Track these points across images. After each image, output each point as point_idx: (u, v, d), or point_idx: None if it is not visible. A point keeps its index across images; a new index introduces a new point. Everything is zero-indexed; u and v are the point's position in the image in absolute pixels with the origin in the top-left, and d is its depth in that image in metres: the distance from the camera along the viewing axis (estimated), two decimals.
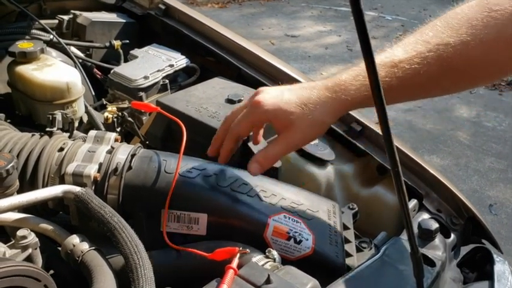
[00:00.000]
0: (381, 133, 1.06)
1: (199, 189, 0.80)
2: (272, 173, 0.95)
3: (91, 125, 1.15)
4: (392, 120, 3.63)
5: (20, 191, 0.80)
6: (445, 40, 0.73)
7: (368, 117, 1.11)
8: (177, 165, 0.80)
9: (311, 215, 0.82)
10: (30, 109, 1.12)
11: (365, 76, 0.75)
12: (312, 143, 1.05)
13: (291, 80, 1.15)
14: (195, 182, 0.81)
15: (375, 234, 0.93)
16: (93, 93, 1.33)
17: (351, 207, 0.93)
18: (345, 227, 0.87)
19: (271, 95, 0.78)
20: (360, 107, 0.80)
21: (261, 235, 0.77)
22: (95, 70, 1.43)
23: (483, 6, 0.73)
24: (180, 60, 1.37)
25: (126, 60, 1.44)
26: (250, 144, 0.98)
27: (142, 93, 1.24)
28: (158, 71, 1.30)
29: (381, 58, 0.75)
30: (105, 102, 1.22)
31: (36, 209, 0.83)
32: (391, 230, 0.97)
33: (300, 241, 0.77)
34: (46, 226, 0.75)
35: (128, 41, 1.50)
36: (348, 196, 1.07)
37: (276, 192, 0.83)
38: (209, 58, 1.43)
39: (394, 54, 0.75)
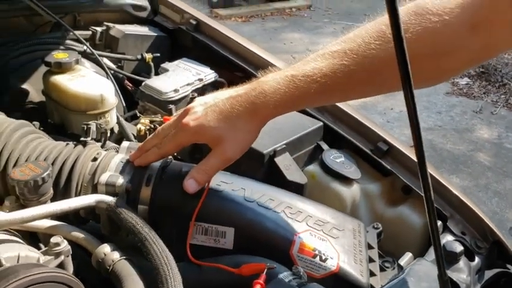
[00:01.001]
0: (408, 154, 1.06)
1: (227, 202, 0.81)
2: (298, 189, 0.95)
3: (121, 135, 1.17)
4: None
5: (54, 199, 0.82)
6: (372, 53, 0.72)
7: (395, 137, 1.11)
8: (208, 183, 0.81)
9: (336, 234, 0.82)
10: (63, 118, 1.14)
11: (287, 90, 0.76)
12: (338, 160, 1.05)
13: None
14: (223, 195, 0.82)
15: (399, 254, 0.93)
16: (124, 104, 1.35)
17: (375, 226, 0.93)
18: (370, 247, 0.86)
19: (196, 115, 0.80)
20: (279, 115, 0.81)
21: (287, 252, 0.77)
22: (126, 82, 1.45)
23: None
24: (208, 75, 1.39)
25: (156, 73, 1.46)
26: (277, 159, 0.99)
27: (172, 106, 1.26)
28: (188, 84, 1.32)
29: (306, 69, 0.76)
30: (138, 114, 1.24)
31: (68, 217, 0.84)
32: (415, 251, 0.96)
33: (326, 259, 0.77)
34: (78, 234, 0.76)
35: (158, 55, 1.53)
36: (372, 215, 1.06)
37: (302, 209, 0.83)
38: (237, 73, 1.44)
39: (320, 68, 0.75)
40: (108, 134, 1.10)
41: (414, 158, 1.04)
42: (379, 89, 0.81)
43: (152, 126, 1.06)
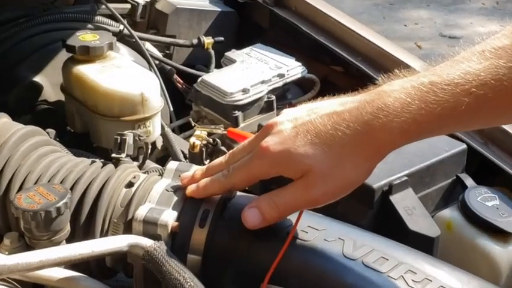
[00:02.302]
0: None
1: (317, 259, 0.80)
2: (425, 245, 0.93)
3: (166, 152, 1.20)
4: None
5: (70, 238, 0.85)
6: None
7: None
8: (295, 223, 0.81)
9: None
10: (88, 125, 1.20)
11: (423, 106, 0.72)
12: (489, 203, 1.02)
13: None
14: (310, 248, 0.81)
15: None
16: (171, 109, 1.39)
17: None
18: None
19: (281, 137, 0.79)
20: (406, 143, 0.78)
21: None
22: (176, 77, 1.50)
23: None
24: (293, 69, 1.40)
25: (218, 66, 1.50)
26: (395, 198, 0.98)
27: (238, 113, 1.28)
28: (262, 82, 1.34)
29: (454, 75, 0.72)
30: (193, 123, 1.27)
31: (89, 267, 0.87)
32: None
33: None
34: None
35: (222, 39, 1.57)
36: None
37: (431, 276, 0.80)
38: (335, 67, 1.44)
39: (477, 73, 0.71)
40: (149, 150, 1.14)
41: None
42: None
43: (211, 141, 1.08)
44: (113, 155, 0.95)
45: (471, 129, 1.12)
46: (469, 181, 1.08)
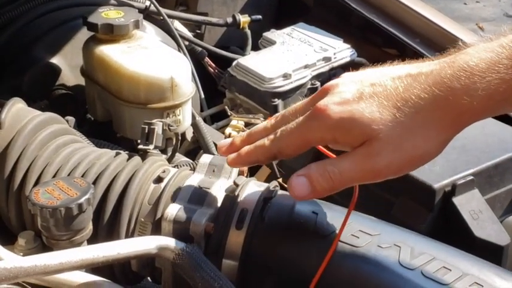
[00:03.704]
0: None
1: (370, 267, 0.80)
2: (493, 254, 0.92)
3: (197, 144, 1.20)
4: None
5: (92, 239, 0.87)
6: None
7: None
8: (342, 225, 0.81)
9: None
10: (112, 113, 1.21)
11: (508, 64, 0.70)
12: None
13: None
14: (362, 254, 0.81)
15: None
16: (203, 96, 1.40)
17: None
18: None
19: (342, 97, 0.77)
20: (488, 116, 0.77)
21: None
22: (207, 60, 1.51)
23: None
24: (341, 51, 1.40)
25: (256, 48, 1.50)
26: (458, 200, 0.97)
27: (278, 101, 1.28)
28: (306, 67, 1.34)
29: None
30: (229, 112, 1.28)
31: (112, 270, 0.88)
32: None
33: None
34: None
35: (260, 17, 1.57)
36: None
37: None
38: (388, 50, 1.44)
39: None
40: (179, 142, 1.14)
41: None
42: None
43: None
44: (140, 146, 0.96)
45: None
46: None
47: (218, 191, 0.87)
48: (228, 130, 1.08)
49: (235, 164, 0.85)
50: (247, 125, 1.14)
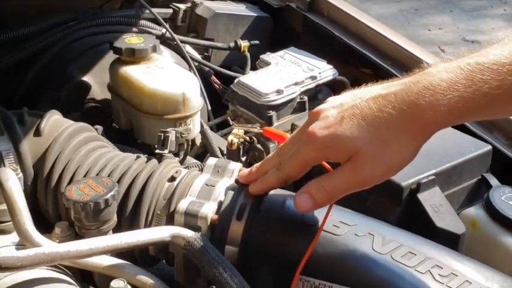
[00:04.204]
0: None
1: (348, 252, 0.80)
2: (451, 241, 0.92)
3: (204, 149, 1.20)
4: None
5: (117, 228, 0.87)
6: None
7: None
8: (325, 217, 0.81)
9: None
10: (133, 122, 1.21)
11: (470, 84, 0.71)
12: None
13: None
14: (342, 241, 0.81)
15: None
16: (210, 108, 1.40)
17: None
18: None
19: (327, 122, 0.79)
20: (451, 125, 0.77)
21: None
22: (214, 78, 1.51)
23: None
24: (325, 71, 1.39)
25: (254, 68, 1.50)
26: (422, 196, 0.97)
27: (272, 113, 1.28)
28: (296, 84, 1.34)
29: (500, 55, 0.71)
30: (231, 122, 1.28)
31: (133, 255, 0.88)
32: None
33: None
34: (145, 279, 0.79)
35: (258, 42, 1.57)
36: None
37: (457, 271, 0.79)
38: (365, 70, 1.44)
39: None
40: (190, 147, 1.15)
41: None
42: None
43: (248, 139, 1.08)
44: (157, 150, 0.96)
45: None
46: (493, 181, 1.07)
47: (222, 188, 0.88)
48: (230, 137, 1.08)
49: (256, 191, 0.85)
50: (246, 132, 1.14)
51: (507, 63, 0.70)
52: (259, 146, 1.08)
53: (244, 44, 1.56)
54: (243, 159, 1.11)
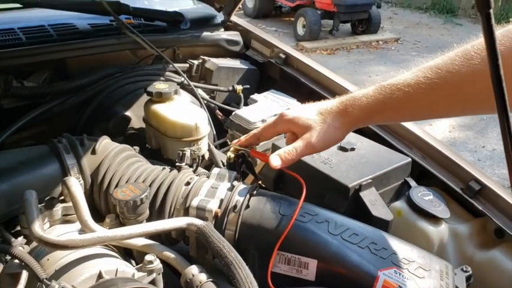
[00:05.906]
0: (502, 195, 0.99)
1: (311, 234, 0.81)
2: (383, 226, 0.92)
3: (211, 162, 1.21)
4: None
5: (149, 219, 0.87)
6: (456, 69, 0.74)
7: (488, 176, 1.05)
8: (297, 208, 0.82)
9: (422, 273, 0.78)
10: (161, 144, 1.21)
11: (373, 95, 0.82)
12: (426, 198, 1.01)
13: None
14: (307, 226, 0.81)
15: None
16: (214, 133, 1.41)
17: (464, 269, 0.87)
18: None
19: (295, 110, 0.90)
20: (367, 123, 0.90)
21: None
22: (217, 111, 1.52)
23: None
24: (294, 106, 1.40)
25: (246, 104, 1.51)
26: (363, 194, 0.97)
27: None
28: (275, 115, 1.34)
29: (394, 80, 0.81)
30: (229, 142, 1.28)
31: (160, 237, 0.88)
32: None
33: None
34: (169, 254, 0.79)
35: (248, 86, 1.58)
36: (461, 258, 1.00)
37: (387, 246, 0.80)
38: None
39: (405, 79, 0.80)
40: (200, 160, 1.15)
41: (510, 199, 0.98)
42: (463, 107, 0.79)
43: (241, 155, 1.08)
44: (177, 164, 0.97)
45: (407, 118, 1.07)
46: (412, 183, 1.08)
47: (223, 189, 0.88)
48: (228, 153, 1.08)
49: (240, 144, 0.99)
50: (240, 150, 1.15)
51: (395, 84, 0.81)
52: (249, 159, 1.08)
53: (239, 87, 1.57)
54: (238, 169, 1.11)
